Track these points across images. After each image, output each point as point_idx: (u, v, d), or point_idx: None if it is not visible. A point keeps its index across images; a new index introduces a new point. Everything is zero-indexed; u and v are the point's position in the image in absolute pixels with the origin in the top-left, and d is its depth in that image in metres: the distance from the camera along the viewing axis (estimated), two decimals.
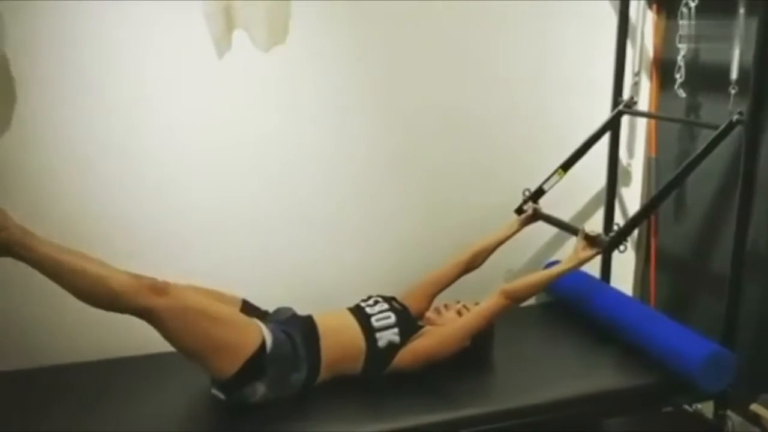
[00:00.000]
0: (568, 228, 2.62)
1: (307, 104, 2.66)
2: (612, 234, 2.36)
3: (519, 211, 2.73)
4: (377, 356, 2.26)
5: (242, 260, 2.69)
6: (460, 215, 2.89)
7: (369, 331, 2.28)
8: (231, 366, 2.03)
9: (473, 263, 2.61)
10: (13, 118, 2.37)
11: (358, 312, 2.35)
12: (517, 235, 2.70)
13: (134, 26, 2.42)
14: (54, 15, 2.34)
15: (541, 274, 2.39)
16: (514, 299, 2.32)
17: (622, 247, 2.37)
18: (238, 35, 2.51)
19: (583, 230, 2.39)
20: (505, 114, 2.90)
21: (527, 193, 2.74)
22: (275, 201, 2.70)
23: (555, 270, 2.37)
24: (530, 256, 3.05)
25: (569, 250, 2.44)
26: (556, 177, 2.73)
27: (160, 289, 1.95)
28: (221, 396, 2.11)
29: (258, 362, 2.06)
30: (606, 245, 2.34)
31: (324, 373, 2.21)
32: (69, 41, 2.37)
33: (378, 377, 2.28)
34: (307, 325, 2.26)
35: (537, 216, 2.68)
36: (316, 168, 2.73)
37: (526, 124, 2.93)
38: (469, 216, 2.87)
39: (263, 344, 2.08)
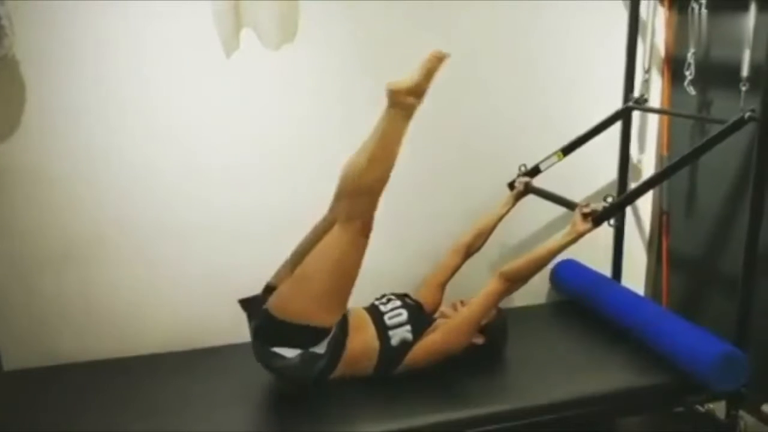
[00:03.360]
0: (560, 201, 2.60)
1: (316, 104, 2.66)
2: (604, 205, 2.32)
3: (512, 186, 2.72)
4: (390, 354, 2.25)
5: (254, 262, 2.67)
6: (472, 215, 2.87)
7: (383, 329, 2.27)
8: (307, 314, 2.06)
9: (475, 245, 2.62)
10: (21, 119, 2.39)
11: (373, 311, 2.35)
12: (519, 218, 2.70)
13: (139, 26, 2.42)
14: (58, 17, 2.35)
15: (539, 251, 2.33)
16: (514, 280, 2.30)
17: (612, 221, 2.35)
18: (247, 34, 2.51)
19: (581, 204, 2.36)
20: (514, 113, 2.89)
21: (523, 169, 2.73)
22: (287, 202, 2.70)
23: (553, 245, 2.31)
24: (532, 237, 3.04)
25: (580, 251, 2.42)
26: (554, 158, 2.72)
27: (365, 224, 2.14)
28: (256, 340, 2.14)
29: (316, 335, 2.09)
30: (597, 216, 2.30)
31: (339, 369, 2.20)
32: (73, 40, 2.38)
33: (389, 376, 2.27)
34: (343, 321, 2.23)
35: (528, 190, 2.67)
36: (327, 169, 2.71)
37: (536, 123, 2.91)
38: (479, 215, 2.85)
39: (331, 328, 2.12)
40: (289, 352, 2.09)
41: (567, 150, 2.74)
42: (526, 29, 2.83)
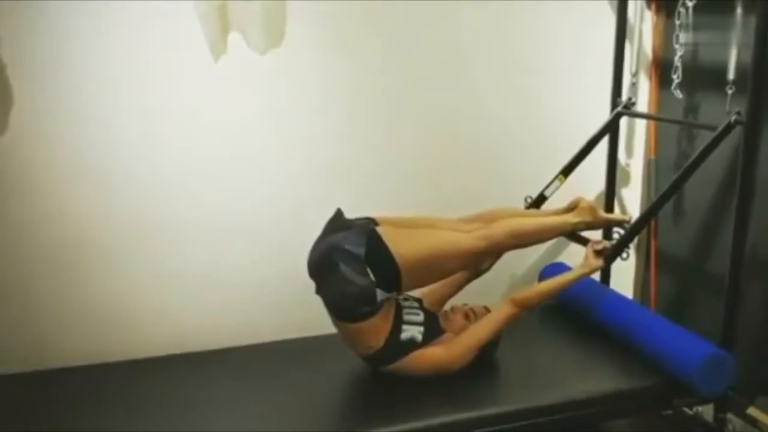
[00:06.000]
0: (572, 237, 2.61)
1: (302, 108, 2.66)
2: (613, 243, 2.37)
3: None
4: (395, 346, 2.25)
5: (255, 263, 2.72)
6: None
7: (397, 319, 2.28)
8: (403, 256, 2.19)
9: (480, 268, 2.60)
10: (9, 121, 2.38)
11: (394, 301, 2.34)
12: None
13: (132, 28, 2.42)
14: (44, 20, 2.34)
15: (552, 283, 2.40)
16: (524, 308, 2.33)
17: (624, 255, 2.40)
18: (234, 38, 2.51)
19: (593, 242, 2.41)
20: (501, 117, 2.89)
21: (529, 200, 2.73)
22: (288, 201, 2.71)
23: (565, 278, 2.38)
24: (533, 260, 3.05)
25: (571, 254, 2.43)
26: (557, 183, 2.72)
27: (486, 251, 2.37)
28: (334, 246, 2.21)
29: (392, 279, 2.19)
30: (608, 254, 2.36)
31: (352, 331, 2.22)
32: (62, 44, 2.38)
33: (384, 368, 2.27)
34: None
35: None
36: (325, 167, 2.74)
37: (523, 127, 2.92)
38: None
39: (400, 287, 2.24)
40: (362, 279, 2.14)
41: (567, 171, 2.74)
42: (513, 33, 2.84)
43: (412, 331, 2.28)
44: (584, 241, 2.48)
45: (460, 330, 2.36)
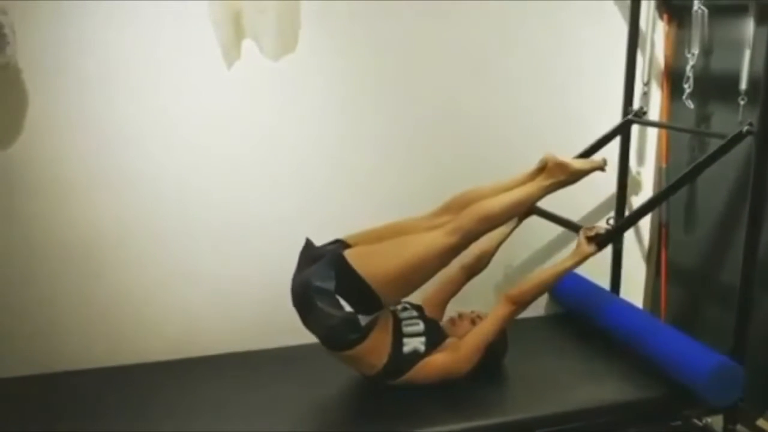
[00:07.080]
0: (564, 223, 2.59)
1: (315, 113, 2.67)
2: (608, 228, 2.36)
3: None
4: (399, 361, 2.24)
5: (256, 262, 2.72)
6: None
7: (397, 333, 2.27)
8: (377, 278, 2.13)
9: (478, 266, 2.59)
10: (25, 124, 2.40)
11: (392, 315, 2.33)
12: (523, 238, 2.67)
13: (145, 32, 2.44)
14: (60, 25, 2.36)
15: (545, 273, 2.36)
16: (521, 303, 2.31)
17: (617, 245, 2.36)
18: (248, 45, 2.53)
19: (585, 227, 2.38)
20: (513, 124, 2.90)
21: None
22: (295, 202, 2.71)
23: (558, 268, 2.34)
24: (532, 259, 3.04)
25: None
26: None
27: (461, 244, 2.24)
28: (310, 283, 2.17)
29: (370, 303, 2.14)
30: (601, 239, 2.33)
31: (351, 357, 2.21)
32: (77, 48, 2.40)
33: (392, 383, 2.27)
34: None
35: (532, 211, 2.62)
36: (333, 170, 2.75)
37: (535, 135, 2.91)
38: None
39: (382, 307, 2.19)
40: (339, 311, 2.12)
41: None
42: (527, 42, 2.84)
43: (414, 343, 2.27)
44: (576, 228, 2.45)
45: None
